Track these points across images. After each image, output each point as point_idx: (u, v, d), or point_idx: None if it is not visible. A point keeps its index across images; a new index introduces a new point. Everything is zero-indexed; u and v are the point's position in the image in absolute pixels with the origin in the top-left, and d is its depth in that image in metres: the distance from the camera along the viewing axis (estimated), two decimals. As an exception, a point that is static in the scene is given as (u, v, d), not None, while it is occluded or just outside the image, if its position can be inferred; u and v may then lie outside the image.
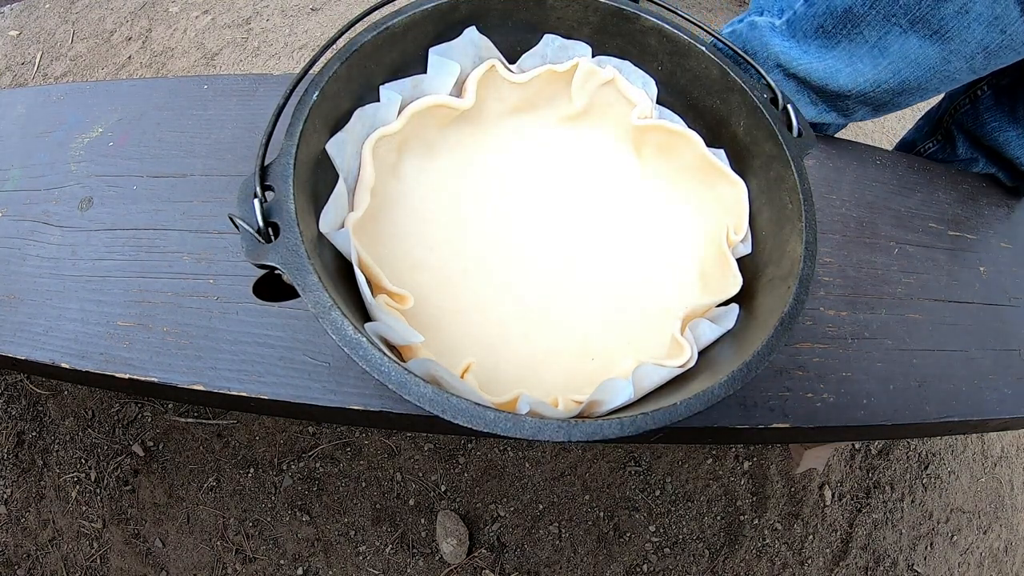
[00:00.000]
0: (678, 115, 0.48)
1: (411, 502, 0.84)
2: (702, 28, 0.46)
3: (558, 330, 0.42)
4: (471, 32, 0.45)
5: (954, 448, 0.97)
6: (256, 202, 0.34)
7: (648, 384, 0.37)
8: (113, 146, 0.53)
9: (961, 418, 0.51)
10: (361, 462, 0.86)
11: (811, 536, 0.88)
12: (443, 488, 0.86)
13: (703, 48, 0.45)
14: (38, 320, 0.46)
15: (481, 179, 0.46)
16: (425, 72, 0.44)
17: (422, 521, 0.84)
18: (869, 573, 0.88)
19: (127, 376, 0.44)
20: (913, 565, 0.89)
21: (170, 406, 0.87)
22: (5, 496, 0.82)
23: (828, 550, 0.88)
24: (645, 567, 0.84)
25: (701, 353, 0.40)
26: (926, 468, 0.95)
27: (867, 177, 0.60)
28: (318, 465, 0.85)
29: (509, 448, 0.88)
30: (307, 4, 1.25)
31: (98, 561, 0.79)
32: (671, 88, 0.48)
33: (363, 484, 0.85)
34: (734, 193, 0.45)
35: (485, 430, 0.31)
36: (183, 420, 0.86)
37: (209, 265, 0.47)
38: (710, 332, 0.40)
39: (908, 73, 0.54)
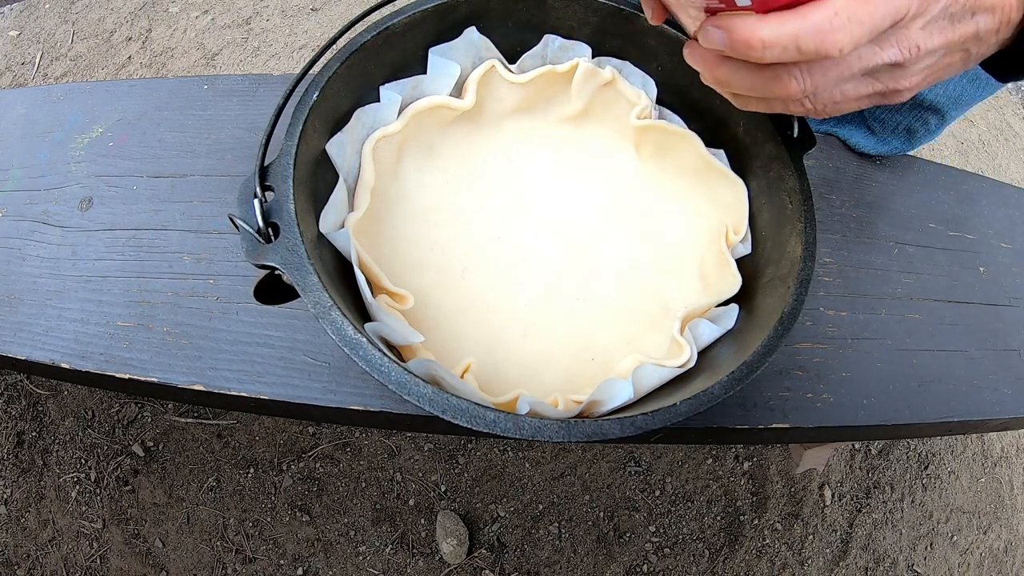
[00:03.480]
0: (678, 115, 0.48)
1: (411, 502, 0.85)
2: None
3: (558, 330, 0.42)
4: (471, 32, 0.45)
5: (954, 448, 0.97)
6: (256, 202, 0.34)
7: (648, 384, 0.37)
8: (113, 146, 0.53)
9: (961, 418, 0.50)
10: (361, 462, 0.86)
11: (811, 536, 0.88)
12: (443, 488, 0.86)
13: (703, 48, 0.45)
14: (38, 320, 0.46)
15: (481, 179, 0.46)
16: (425, 72, 0.44)
17: (422, 521, 0.84)
18: (869, 573, 0.88)
19: (127, 376, 0.44)
20: (913, 565, 0.89)
21: (170, 406, 0.87)
22: (5, 496, 0.82)
23: (828, 550, 0.88)
24: (645, 567, 0.84)
25: (701, 353, 0.40)
26: (926, 468, 0.95)
27: (867, 177, 0.60)
28: (318, 465, 0.85)
29: (509, 448, 0.88)
30: (307, 4, 1.25)
31: (98, 561, 0.79)
32: (671, 88, 0.48)
33: (363, 484, 0.85)
34: (734, 193, 0.45)
35: (485, 430, 0.31)
36: (183, 420, 0.86)
37: (209, 265, 0.47)
38: (710, 332, 0.40)
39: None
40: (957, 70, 0.32)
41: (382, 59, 0.42)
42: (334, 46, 0.41)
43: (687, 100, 0.48)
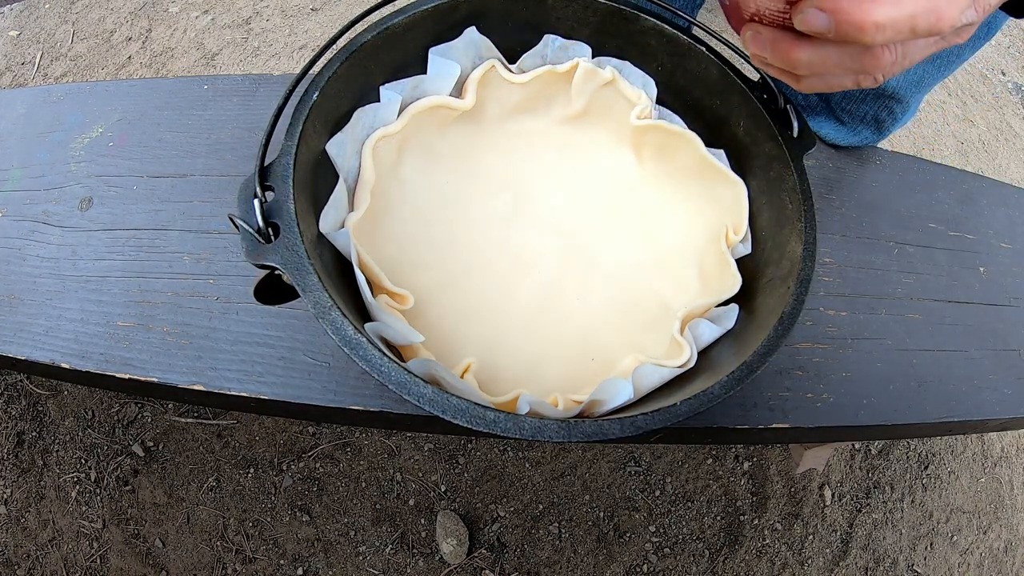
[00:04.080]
0: (678, 115, 0.48)
1: (411, 502, 0.84)
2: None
3: (558, 330, 0.42)
4: (471, 32, 0.45)
5: (954, 448, 0.97)
6: (256, 202, 0.34)
7: (648, 384, 0.37)
8: (113, 146, 0.53)
9: (961, 418, 0.50)
10: (361, 462, 0.86)
11: (811, 536, 0.88)
12: (443, 488, 0.86)
13: (703, 49, 0.45)
14: (38, 320, 0.46)
15: (481, 179, 0.46)
16: (425, 72, 0.44)
17: (422, 521, 0.84)
18: (869, 573, 0.88)
19: (127, 376, 0.44)
20: (913, 565, 0.89)
21: (170, 406, 0.87)
22: (5, 496, 0.82)
23: (828, 550, 0.88)
24: (645, 567, 0.84)
25: (701, 353, 0.40)
26: (926, 468, 0.95)
27: (867, 177, 0.60)
28: (318, 465, 0.85)
29: (509, 448, 0.88)
30: (307, 4, 1.25)
31: (98, 561, 0.79)
32: (671, 88, 0.48)
33: (363, 484, 0.85)
34: (734, 193, 0.45)
35: (485, 430, 0.31)
36: (183, 420, 0.86)
37: (209, 265, 0.47)
38: (710, 332, 0.40)
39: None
40: None
41: (382, 59, 0.42)
42: (334, 46, 0.41)
43: (687, 100, 0.48)
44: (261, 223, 0.33)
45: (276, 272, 0.34)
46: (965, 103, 1.31)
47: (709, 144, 0.46)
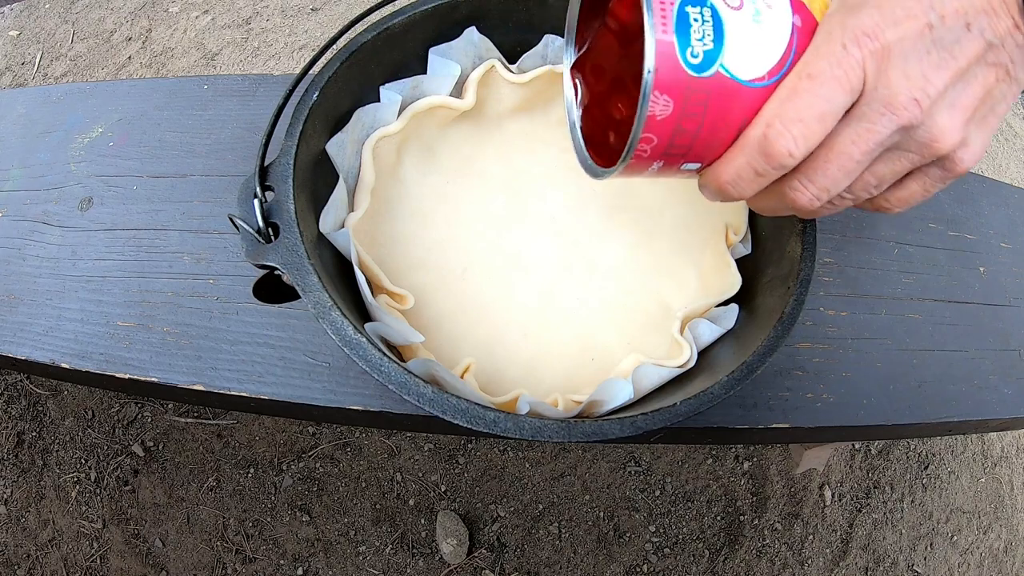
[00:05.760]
0: (678, 115, 0.48)
1: (411, 502, 0.85)
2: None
3: (558, 330, 0.42)
4: (471, 32, 0.45)
5: (954, 448, 0.97)
6: (256, 202, 0.34)
7: (648, 384, 0.37)
8: (113, 146, 0.53)
9: (961, 418, 0.50)
10: (361, 462, 0.86)
11: (811, 536, 0.88)
12: (443, 488, 0.86)
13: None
14: (38, 320, 0.46)
15: (481, 179, 0.46)
16: (425, 72, 0.44)
17: (422, 521, 0.84)
18: (869, 573, 0.88)
19: (127, 376, 0.44)
20: (913, 565, 0.89)
21: (170, 406, 0.87)
22: (5, 496, 0.82)
23: (828, 550, 0.88)
24: (645, 567, 0.84)
25: (701, 353, 0.40)
26: (926, 468, 0.95)
27: (867, 177, 0.60)
28: (318, 465, 0.85)
29: (509, 448, 0.88)
30: (307, 4, 1.25)
31: (98, 561, 0.79)
32: (671, 88, 0.48)
33: (363, 484, 0.85)
34: (734, 193, 0.45)
35: (485, 430, 0.31)
36: (183, 420, 0.86)
37: (209, 265, 0.47)
38: (710, 332, 0.40)
39: None
40: (1013, 91, 0.26)
41: (382, 59, 0.42)
42: (334, 46, 0.41)
43: (687, 100, 0.48)
44: (261, 223, 0.33)
45: (276, 272, 0.34)
46: (965, 103, 1.31)
47: (709, 144, 0.46)
